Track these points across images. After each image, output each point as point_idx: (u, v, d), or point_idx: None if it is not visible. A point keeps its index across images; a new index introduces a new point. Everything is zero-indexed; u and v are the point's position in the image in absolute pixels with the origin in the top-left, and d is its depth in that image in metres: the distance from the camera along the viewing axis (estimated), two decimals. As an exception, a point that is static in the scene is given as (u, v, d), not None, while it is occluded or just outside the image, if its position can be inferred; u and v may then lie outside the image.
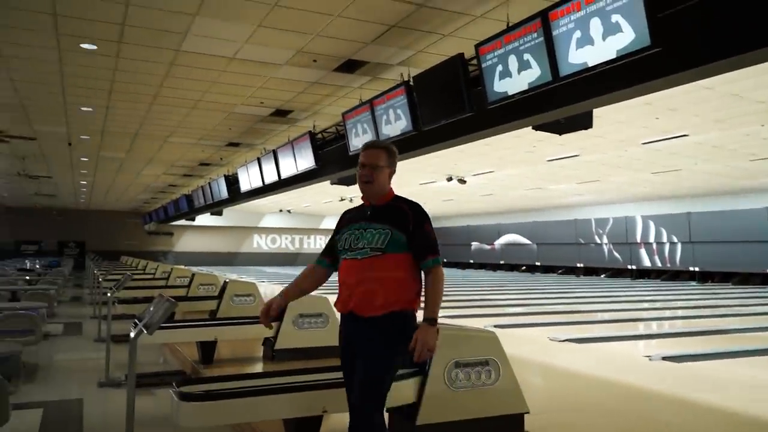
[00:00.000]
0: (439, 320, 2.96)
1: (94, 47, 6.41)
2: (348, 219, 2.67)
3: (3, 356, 3.79)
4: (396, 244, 2.55)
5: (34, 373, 6.08)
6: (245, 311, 8.27)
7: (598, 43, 4.07)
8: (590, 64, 4.19)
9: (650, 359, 6.89)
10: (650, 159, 13.09)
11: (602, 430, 4.42)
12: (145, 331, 3.23)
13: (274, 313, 2.73)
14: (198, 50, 6.45)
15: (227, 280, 9.41)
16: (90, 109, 9.26)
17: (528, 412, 4.17)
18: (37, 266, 17.08)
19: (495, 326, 8.83)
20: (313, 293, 3.62)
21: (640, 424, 4.54)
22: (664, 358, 6.89)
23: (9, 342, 4.73)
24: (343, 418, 4.17)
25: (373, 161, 2.63)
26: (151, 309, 3.41)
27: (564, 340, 8.19)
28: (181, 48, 6.39)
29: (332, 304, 2.64)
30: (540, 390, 5.42)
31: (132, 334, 3.36)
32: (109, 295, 6.66)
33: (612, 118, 9.10)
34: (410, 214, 2.64)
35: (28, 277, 12.29)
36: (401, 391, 3.86)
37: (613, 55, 3.98)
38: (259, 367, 6.40)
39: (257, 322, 7.07)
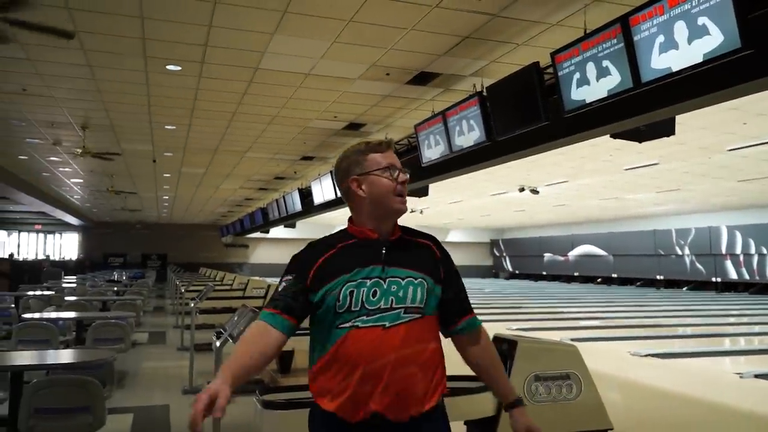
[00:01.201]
0: (516, 333, 2.85)
1: (179, 68, 6.73)
2: (341, 261, 1.68)
3: (98, 363, 4.01)
4: (434, 299, 1.75)
5: (123, 380, 6.39)
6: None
7: (683, 47, 3.93)
8: (674, 69, 4.04)
9: (741, 377, 6.52)
10: (737, 166, 12.45)
11: (692, 450, 4.21)
12: (231, 341, 3.34)
13: (221, 407, 1.41)
14: (275, 67, 6.66)
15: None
16: (173, 127, 9.71)
17: (612, 429, 4.03)
18: (124, 278, 17.97)
19: (572, 340, 8.57)
20: None
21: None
22: (756, 376, 6.51)
23: (102, 350, 4.99)
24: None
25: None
26: (235, 319, 3.53)
27: (646, 355, 7.87)
28: (260, 66, 6.61)
29: (320, 405, 1.66)
30: (622, 406, 5.23)
31: (217, 344, 3.48)
32: (192, 305, 6.92)
33: (694, 124, 8.72)
34: (437, 253, 1.83)
35: (116, 288, 12.95)
36: (480, 404, 3.82)
37: (700, 59, 3.83)
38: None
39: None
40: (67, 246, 33.47)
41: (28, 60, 6.57)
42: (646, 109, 4.57)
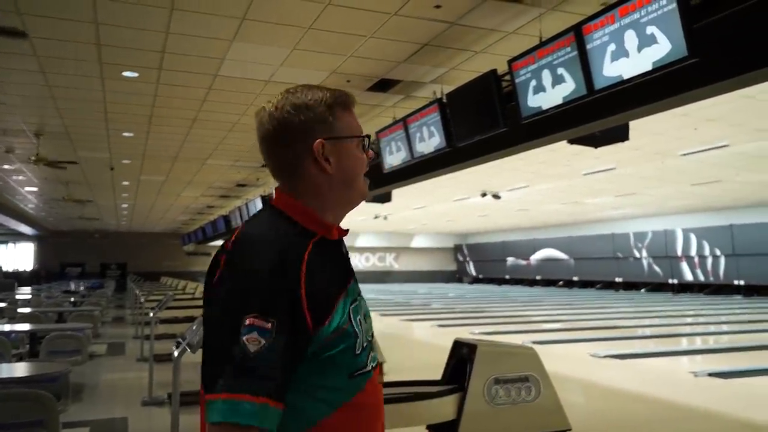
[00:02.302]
0: (478, 337, 2.91)
1: (136, 75, 6.62)
2: (328, 270, 1.14)
3: (53, 376, 3.91)
4: None
5: (80, 393, 6.24)
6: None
7: (633, 55, 4.05)
8: (626, 77, 4.16)
9: (696, 375, 6.72)
10: (689, 170, 12.84)
11: (648, 448, 4.32)
12: (189, 350, 3.29)
13: None
14: (235, 75, 6.61)
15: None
16: (131, 134, 9.54)
17: (570, 430, 4.11)
18: (81, 288, 17.53)
19: (533, 342, 8.68)
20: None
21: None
22: (710, 375, 6.71)
23: (58, 362, 4.86)
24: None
25: None
26: (194, 328, 3.48)
27: (605, 356, 8.04)
28: (219, 73, 6.55)
29: None
30: (581, 407, 5.34)
31: (176, 353, 3.43)
32: (151, 315, 6.80)
33: (648, 129, 8.97)
34: None
35: (72, 299, 12.63)
36: (441, 408, 3.86)
37: (650, 67, 3.95)
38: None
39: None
40: (21, 256, 32.48)
41: (-22, 65, 6.38)
42: (599, 115, 4.69)
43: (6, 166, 12.64)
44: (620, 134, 6.69)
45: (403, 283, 33.62)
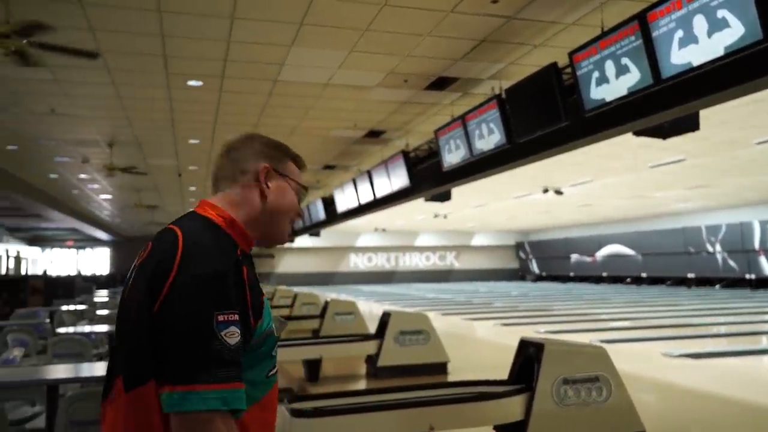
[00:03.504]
0: (544, 336, 2.83)
1: (200, 83, 6.84)
2: (254, 280, 1.26)
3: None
4: None
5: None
6: (347, 329, 8.45)
7: (703, 41, 3.88)
8: (695, 64, 3.99)
9: (779, 375, 6.37)
10: (765, 160, 12.19)
11: (728, 451, 4.13)
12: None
13: None
14: (294, 79, 6.73)
15: (328, 300, 9.65)
16: (197, 141, 9.86)
17: (644, 431, 3.98)
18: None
19: (601, 341, 8.46)
20: (412, 309, 3.57)
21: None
22: (795, 375, 6.35)
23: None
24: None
25: None
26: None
27: (679, 356, 7.73)
28: (279, 78, 6.69)
29: None
30: (655, 408, 5.14)
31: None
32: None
33: (719, 118, 8.57)
34: None
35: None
36: (508, 408, 3.80)
37: (721, 53, 3.78)
38: (362, 384, 6.50)
39: (359, 339, 7.20)
40: (98, 261, 34.11)
41: (56, 81, 6.74)
42: (667, 105, 4.52)
43: (82, 176, 13.29)
44: (690, 124, 6.42)
45: (464, 282, 33.37)
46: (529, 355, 4.01)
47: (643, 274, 26.48)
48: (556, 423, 3.78)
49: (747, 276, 21.81)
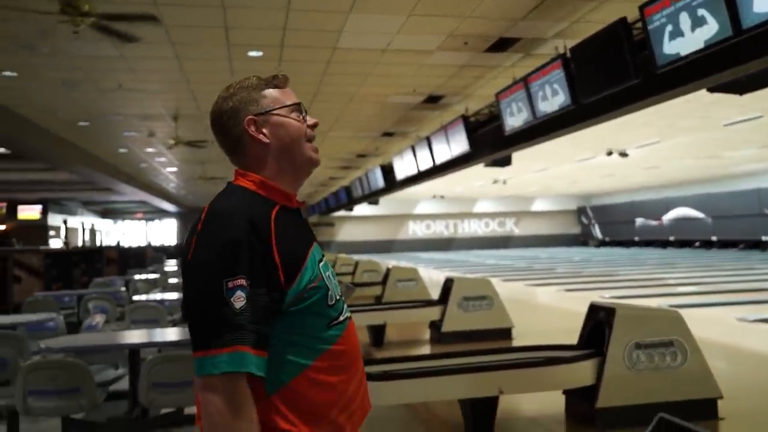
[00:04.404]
0: (610, 301, 2.71)
1: (260, 54, 6.90)
2: (293, 233, 1.28)
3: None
4: None
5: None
6: (409, 295, 8.52)
7: (789, -14, 3.62)
8: (781, 12, 3.74)
9: None
10: None
11: (812, 418, 3.97)
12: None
13: None
14: (353, 46, 6.69)
15: (390, 267, 9.73)
16: (257, 112, 9.99)
17: (721, 397, 3.87)
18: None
19: (671, 306, 8.24)
20: (480, 275, 3.50)
21: None
22: None
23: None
24: (520, 399, 4.16)
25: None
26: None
27: (754, 321, 7.45)
28: (337, 45, 6.67)
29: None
30: (731, 375, 4.98)
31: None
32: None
33: (803, 70, 8.03)
34: None
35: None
36: (579, 373, 3.76)
37: (811, -2, 3.52)
38: (427, 350, 6.56)
39: (423, 305, 7.24)
40: (166, 232, 35.45)
41: (122, 57, 6.93)
42: (748, 58, 4.26)
43: (149, 149, 13.74)
44: (769, 78, 6.05)
45: (524, 249, 32.97)
46: (599, 319, 3.94)
47: (713, 238, 25.48)
48: (628, 388, 3.72)
49: (827, 238, 20.67)
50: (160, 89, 8.49)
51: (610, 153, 15.90)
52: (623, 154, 15.96)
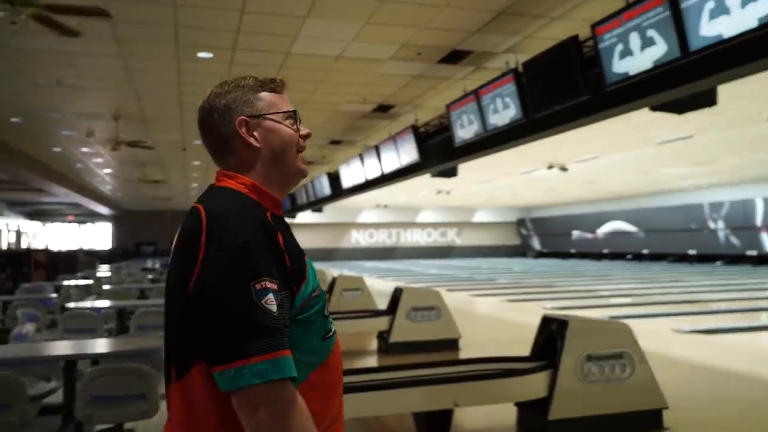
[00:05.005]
0: (551, 312, 2.76)
1: (211, 55, 6.71)
2: (293, 242, 1.24)
3: (149, 350, 4.04)
4: None
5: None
6: (355, 304, 8.43)
7: (735, 12, 3.78)
8: (726, 36, 3.89)
9: (791, 352, 6.37)
10: (775, 136, 12.09)
11: (749, 428, 4.12)
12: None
13: None
14: (307, 51, 6.60)
15: (335, 276, 9.63)
16: (203, 115, 9.73)
17: (667, 408, 3.97)
18: (157, 266, 18.22)
19: (610, 318, 8.45)
20: (417, 285, 3.46)
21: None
22: (807, 351, 6.36)
23: (152, 337, 5.04)
24: (469, 412, 4.15)
25: None
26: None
27: (690, 332, 7.74)
28: (292, 51, 6.56)
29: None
30: (673, 385, 5.13)
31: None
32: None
33: (732, 93, 8.43)
34: None
35: (150, 276, 13.12)
36: (532, 385, 3.79)
37: (755, 24, 3.68)
38: (374, 361, 6.50)
39: (371, 315, 7.18)
40: (99, 235, 34.09)
41: (63, 51, 6.60)
42: (694, 78, 4.43)
43: (85, 149, 13.18)
44: (708, 99, 6.31)
45: (465, 258, 33.42)
46: (552, 331, 3.98)
47: (645, 251, 26.53)
48: (579, 399, 3.77)
49: (749, 252, 21.84)
50: (102, 87, 8.15)
51: (551, 167, 16.33)
52: (563, 169, 16.42)
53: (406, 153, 9.59)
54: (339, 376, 1.26)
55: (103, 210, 28.27)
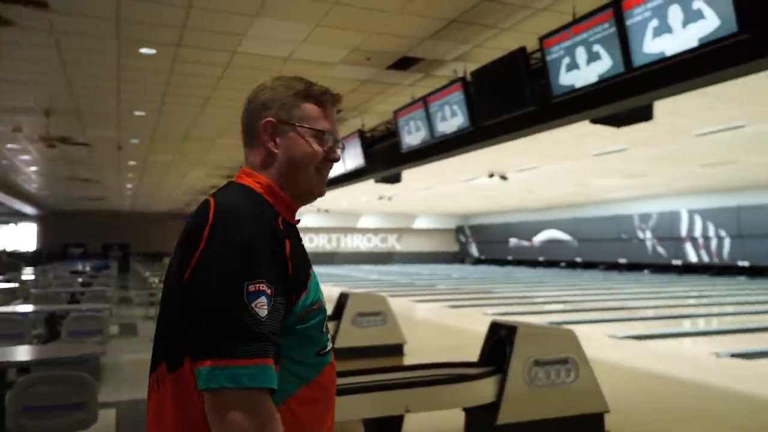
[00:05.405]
0: (492, 317, 2.80)
1: (153, 51, 6.49)
2: (299, 249, 1.19)
3: (84, 357, 3.84)
4: None
5: (101, 373, 6.20)
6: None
7: (677, 31, 3.95)
8: (668, 54, 4.06)
9: (718, 356, 6.70)
10: (702, 151, 12.74)
11: (687, 429, 4.29)
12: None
13: None
14: (255, 51, 6.48)
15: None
16: (142, 113, 9.41)
17: (608, 411, 4.08)
18: (87, 269, 17.47)
19: (548, 324, 8.65)
20: (359, 291, 3.45)
21: (727, 425, 4.40)
22: (733, 356, 6.70)
23: (89, 343, 4.81)
24: (421, 418, 4.14)
25: None
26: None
27: (624, 338, 8.02)
28: (238, 50, 6.42)
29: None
30: (612, 389, 5.29)
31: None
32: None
33: (665, 109, 8.84)
34: None
35: (80, 280, 12.56)
36: (480, 390, 3.81)
37: (695, 44, 3.85)
38: (319, 366, 6.42)
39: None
40: (23, 237, 32.40)
41: (-8, 41, 6.24)
42: (637, 93, 4.60)
43: (11, 146, 12.50)
44: (645, 114, 6.59)
45: (405, 264, 33.65)
46: (500, 337, 4.03)
47: (578, 259, 27.43)
48: (527, 404, 3.82)
49: (674, 262, 22.92)
50: (33, 80, 7.74)
51: (492, 175, 16.65)
52: (504, 177, 16.78)
53: (352, 158, 9.57)
54: (329, 395, 1.20)
55: (28, 209, 26.91)
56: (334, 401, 1.23)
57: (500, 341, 4.03)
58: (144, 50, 6.47)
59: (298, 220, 1.28)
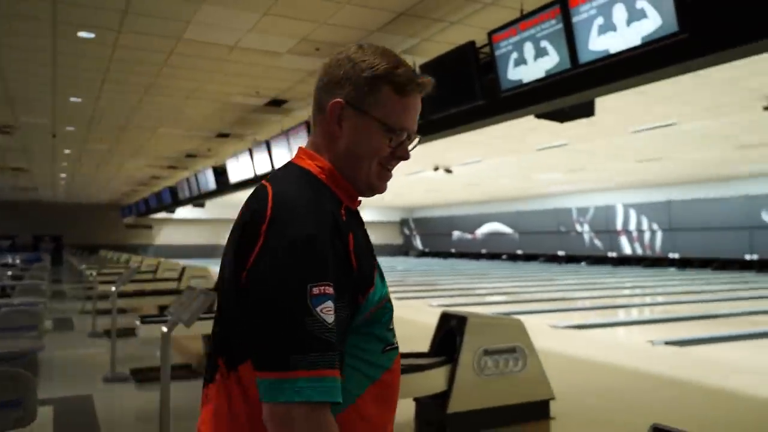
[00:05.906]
0: (438, 309, 2.83)
1: (92, 35, 6.23)
2: (362, 241, 1.12)
3: (19, 353, 3.67)
4: None
5: (37, 369, 5.95)
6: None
7: (621, 29, 4.07)
8: (612, 51, 4.19)
9: (653, 344, 7.00)
10: (636, 147, 13.25)
11: (627, 415, 4.46)
12: (182, 324, 3.16)
13: None
14: (200, 38, 6.31)
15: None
16: (79, 100, 9.03)
17: (554, 398, 4.21)
18: (18, 261, 16.70)
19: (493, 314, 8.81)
20: None
21: (665, 410, 4.60)
22: (666, 343, 7.01)
23: (25, 339, 4.60)
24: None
25: None
26: (183, 301, 3.34)
27: (565, 327, 8.27)
28: (183, 36, 6.24)
29: None
30: (556, 377, 5.45)
31: (164, 329, 3.29)
32: (113, 289, 6.52)
33: (604, 106, 9.13)
34: None
35: (10, 273, 12.00)
36: (431, 380, 3.86)
37: (638, 42, 3.98)
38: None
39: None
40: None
41: None
42: (582, 88, 4.72)
43: (-65, 132, 11.79)
44: (587, 110, 6.78)
45: (350, 257, 33.64)
46: (450, 327, 4.09)
47: (519, 251, 28.09)
48: (476, 393, 3.90)
49: (609, 254, 23.79)
50: (-40, 63, 7.32)
51: (437, 168, 16.82)
52: (448, 171, 16.98)
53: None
54: (394, 393, 1.13)
55: (-48, 200, 25.48)
56: (398, 392, 1.16)
57: (450, 331, 4.08)
58: (82, 34, 6.20)
59: (359, 202, 1.18)
